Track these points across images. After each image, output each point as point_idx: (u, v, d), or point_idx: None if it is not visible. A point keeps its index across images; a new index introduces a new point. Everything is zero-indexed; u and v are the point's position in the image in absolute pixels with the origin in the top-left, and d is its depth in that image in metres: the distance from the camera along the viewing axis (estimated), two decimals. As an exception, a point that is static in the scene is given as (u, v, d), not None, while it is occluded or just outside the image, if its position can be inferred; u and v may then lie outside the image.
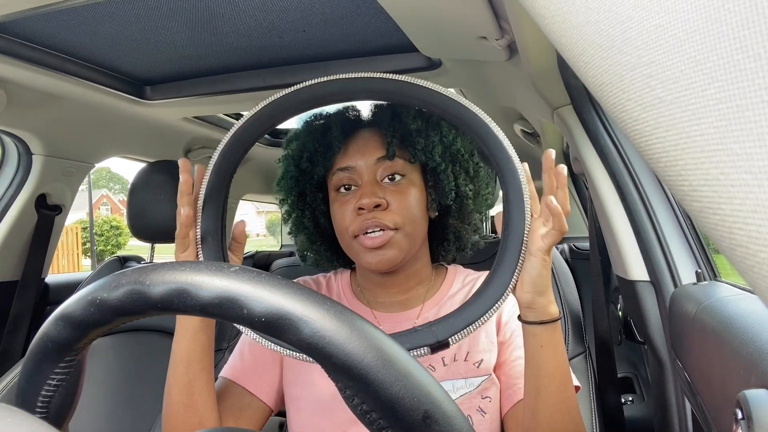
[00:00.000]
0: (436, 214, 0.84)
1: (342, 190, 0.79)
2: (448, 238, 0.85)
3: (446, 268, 0.89)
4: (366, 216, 0.74)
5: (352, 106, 0.88)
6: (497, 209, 0.87)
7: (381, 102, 0.85)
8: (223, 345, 1.27)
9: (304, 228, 0.87)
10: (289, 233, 0.89)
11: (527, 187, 0.67)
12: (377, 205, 0.74)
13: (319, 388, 0.78)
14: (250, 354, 0.83)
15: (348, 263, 0.92)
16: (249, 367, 0.82)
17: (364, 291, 0.87)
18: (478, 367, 0.77)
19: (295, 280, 0.94)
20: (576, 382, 0.74)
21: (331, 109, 0.85)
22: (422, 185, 0.81)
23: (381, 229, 0.74)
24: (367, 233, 0.75)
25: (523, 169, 0.67)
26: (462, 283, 0.86)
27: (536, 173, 0.64)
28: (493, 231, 1.22)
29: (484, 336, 0.79)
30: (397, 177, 0.78)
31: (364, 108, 0.88)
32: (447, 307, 0.81)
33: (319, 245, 0.88)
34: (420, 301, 0.83)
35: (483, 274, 0.84)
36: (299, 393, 0.80)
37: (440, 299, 0.83)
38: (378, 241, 0.74)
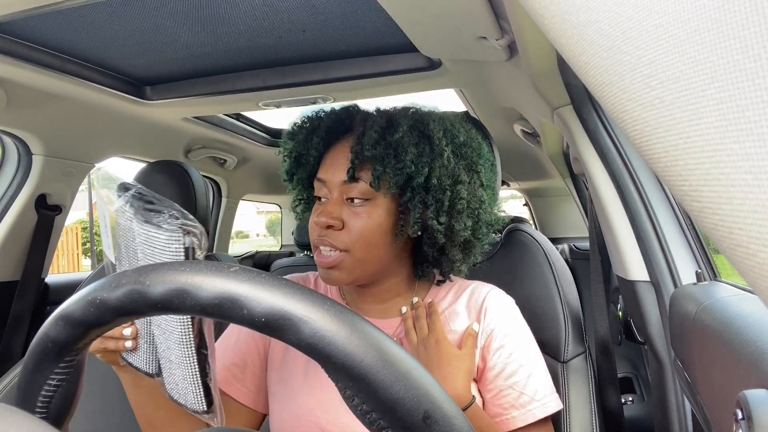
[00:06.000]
0: (415, 236, 0.78)
1: (322, 199, 0.78)
2: (428, 261, 0.81)
3: (434, 276, 0.86)
4: (320, 233, 0.75)
5: (354, 108, 0.83)
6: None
7: (367, 110, 0.82)
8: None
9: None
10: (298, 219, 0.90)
11: None
12: (330, 226, 0.74)
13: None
14: (234, 354, 0.83)
15: None
16: (232, 373, 0.81)
17: (346, 293, 0.87)
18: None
19: (284, 277, 0.92)
20: (556, 408, 0.77)
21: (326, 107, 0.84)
22: (393, 209, 0.76)
23: (332, 249, 0.74)
24: (320, 249, 0.75)
25: None
26: (446, 292, 0.84)
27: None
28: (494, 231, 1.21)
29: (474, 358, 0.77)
30: (357, 201, 0.74)
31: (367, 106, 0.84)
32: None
33: None
34: (399, 312, 0.82)
35: (473, 284, 0.84)
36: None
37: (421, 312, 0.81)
38: (325, 261, 0.74)
